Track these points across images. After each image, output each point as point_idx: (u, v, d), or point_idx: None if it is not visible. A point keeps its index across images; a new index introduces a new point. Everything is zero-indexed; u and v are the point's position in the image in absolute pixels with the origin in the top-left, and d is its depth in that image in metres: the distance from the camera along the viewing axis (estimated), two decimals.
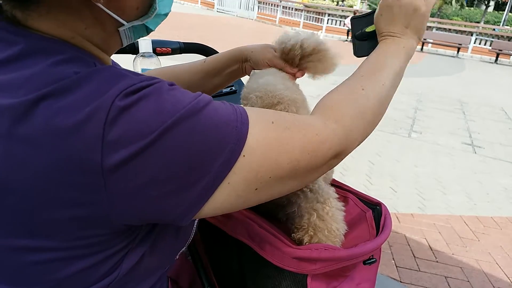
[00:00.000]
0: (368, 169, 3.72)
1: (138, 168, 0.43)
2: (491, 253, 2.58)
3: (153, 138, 0.43)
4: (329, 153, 0.57)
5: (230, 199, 0.49)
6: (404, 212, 2.99)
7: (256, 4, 20.07)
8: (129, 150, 0.42)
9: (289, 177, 0.54)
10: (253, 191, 0.51)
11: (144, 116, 0.43)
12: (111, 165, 0.42)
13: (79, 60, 0.48)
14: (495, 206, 3.30)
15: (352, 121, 0.60)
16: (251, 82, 0.84)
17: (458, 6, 28.80)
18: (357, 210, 1.03)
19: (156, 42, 1.22)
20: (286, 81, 0.86)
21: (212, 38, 10.97)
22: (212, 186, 0.46)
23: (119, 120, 0.42)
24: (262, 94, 0.80)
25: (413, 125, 5.32)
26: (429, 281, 2.22)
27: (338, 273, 0.85)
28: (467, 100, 7.42)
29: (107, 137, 0.41)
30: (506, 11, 24.50)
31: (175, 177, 0.44)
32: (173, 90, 0.47)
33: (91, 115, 0.41)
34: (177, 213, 0.47)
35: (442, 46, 15.33)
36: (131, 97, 0.43)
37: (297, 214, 0.91)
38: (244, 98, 0.83)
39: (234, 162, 0.47)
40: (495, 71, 12.48)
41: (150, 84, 0.46)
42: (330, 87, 0.73)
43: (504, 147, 4.93)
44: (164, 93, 0.46)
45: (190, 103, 0.46)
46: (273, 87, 0.82)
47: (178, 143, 0.44)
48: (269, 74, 0.86)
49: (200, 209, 0.48)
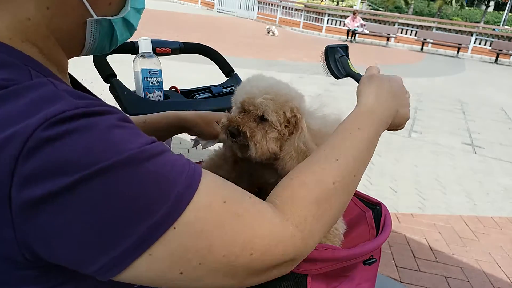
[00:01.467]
0: (368, 169, 3.72)
1: (52, 210, 0.36)
2: (491, 253, 2.58)
3: (74, 180, 0.36)
4: (280, 258, 0.48)
5: (151, 274, 0.41)
6: (404, 212, 2.99)
7: (256, 4, 20.07)
8: (44, 188, 0.36)
9: (224, 273, 0.45)
10: (177, 273, 0.42)
11: (68, 153, 0.36)
12: (22, 201, 0.36)
13: (8, 67, 0.41)
14: (495, 206, 3.30)
15: (314, 224, 0.52)
16: (248, 88, 0.83)
17: (458, 6, 28.80)
18: (357, 210, 1.03)
19: (156, 42, 1.22)
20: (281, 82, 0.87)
21: (212, 38, 10.97)
22: (133, 252, 0.39)
23: (38, 153, 0.36)
24: (273, 95, 0.80)
25: (413, 125, 5.32)
26: (429, 281, 2.22)
27: (338, 273, 0.85)
28: (467, 100, 7.42)
29: (20, 170, 0.36)
30: (506, 11, 24.50)
31: (94, 231, 0.38)
32: (118, 128, 0.40)
33: (5, 143, 0.36)
34: (92, 270, 0.40)
35: (442, 46, 15.33)
36: (59, 127, 0.37)
37: None
38: (247, 102, 0.82)
39: (163, 231, 0.39)
40: (495, 71, 12.48)
41: (87, 114, 0.39)
42: (330, 87, 0.73)
43: (504, 147, 4.93)
44: (103, 129, 0.39)
45: (132, 150, 0.39)
46: (278, 87, 0.83)
47: (103, 193, 0.37)
48: (263, 79, 0.86)
49: (118, 273, 0.40)
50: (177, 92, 1.27)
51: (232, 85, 1.34)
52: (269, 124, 0.82)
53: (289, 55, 10.13)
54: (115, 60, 1.25)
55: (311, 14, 18.09)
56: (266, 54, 9.82)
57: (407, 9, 29.55)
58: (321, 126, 0.85)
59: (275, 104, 0.81)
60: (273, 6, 19.41)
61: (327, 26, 17.49)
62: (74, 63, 0.67)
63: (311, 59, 10.07)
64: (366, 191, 3.27)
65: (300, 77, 7.33)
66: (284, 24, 18.69)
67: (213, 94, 1.29)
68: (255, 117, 0.82)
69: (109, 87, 1.12)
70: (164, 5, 20.00)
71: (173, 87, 1.29)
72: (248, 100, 0.81)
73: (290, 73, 7.64)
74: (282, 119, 0.82)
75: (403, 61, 12.16)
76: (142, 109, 1.11)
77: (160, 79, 1.20)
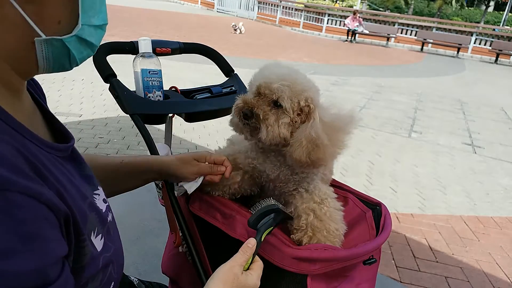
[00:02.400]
0: (368, 169, 3.72)
1: None
2: (491, 253, 2.58)
3: None
4: None
5: None
6: (404, 212, 2.99)
7: (256, 4, 20.07)
8: None
9: None
10: None
11: None
12: None
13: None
14: (495, 206, 3.30)
15: None
16: (267, 73, 0.85)
17: (458, 6, 28.80)
18: (357, 210, 1.03)
19: (156, 42, 1.22)
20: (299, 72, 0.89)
21: (212, 38, 10.97)
22: None
23: None
24: (290, 83, 0.82)
25: (413, 125, 5.32)
26: (429, 281, 2.22)
27: (338, 273, 0.84)
28: (467, 100, 7.43)
29: None
30: (506, 11, 24.48)
31: None
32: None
33: None
34: None
35: (442, 46, 15.33)
36: None
37: (294, 214, 0.91)
38: (263, 86, 0.83)
39: None
40: (495, 71, 12.48)
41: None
42: (330, 87, 0.73)
43: (504, 147, 4.93)
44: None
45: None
46: (296, 76, 0.85)
47: None
48: (282, 67, 0.88)
49: None
50: (177, 92, 1.27)
51: (232, 85, 1.34)
52: (282, 110, 0.83)
53: (289, 55, 10.14)
54: (116, 60, 1.25)
55: (311, 14, 18.10)
56: (266, 55, 9.83)
57: (407, 9, 29.55)
58: (334, 119, 0.86)
59: (291, 91, 0.82)
60: (273, 6, 19.40)
61: (327, 26, 17.49)
62: None
63: (311, 60, 10.08)
64: (366, 191, 3.27)
65: None
66: (284, 24, 18.68)
67: (213, 94, 1.29)
68: (269, 101, 0.83)
69: (109, 87, 1.12)
70: (164, 5, 20.00)
71: (173, 87, 1.29)
72: (265, 84, 0.83)
73: None
74: (296, 107, 0.84)
75: (403, 61, 12.16)
76: (142, 109, 1.11)
77: (160, 79, 1.19)
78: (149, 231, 2.31)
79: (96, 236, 0.56)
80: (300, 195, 0.93)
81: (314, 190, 0.93)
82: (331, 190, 0.98)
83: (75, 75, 5.31)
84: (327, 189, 0.97)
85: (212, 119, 1.28)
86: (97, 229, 0.56)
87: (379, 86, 7.58)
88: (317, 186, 0.95)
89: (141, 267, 2.02)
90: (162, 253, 1.27)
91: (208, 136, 3.92)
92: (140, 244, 2.20)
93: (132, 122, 1.08)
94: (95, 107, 4.36)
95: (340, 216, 0.93)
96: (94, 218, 0.56)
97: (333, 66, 9.50)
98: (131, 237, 2.23)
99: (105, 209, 0.63)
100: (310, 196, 0.92)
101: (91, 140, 3.49)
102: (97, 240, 0.56)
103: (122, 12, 14.14)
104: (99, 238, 0.57)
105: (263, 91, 0.84)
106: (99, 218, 0.58)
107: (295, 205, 0.92)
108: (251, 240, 0.72)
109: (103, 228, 0.59)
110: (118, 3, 16.28)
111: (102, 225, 0.58)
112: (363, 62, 10.81)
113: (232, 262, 0.68)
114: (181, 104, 1.21)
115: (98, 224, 0.57)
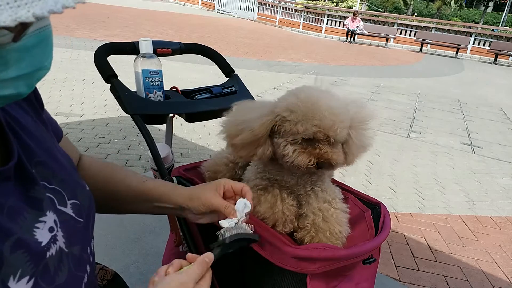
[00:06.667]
0: (368, 169, 3.73)
1: None
2: (490, 252, 2.59)
3: None
4: None
5: None
6: (403, 212, 3.00)
7: (256, 5, 20.07)
8: None
9: None
10: None
11: None
12: None
13: None
14: (494, 206, 3.31)
15: None
16: (319, 115, 0.81)
17: (457, 7, 28.83)
18: (356, 209, 1.04)
19: (156, 42, 1.22)
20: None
21: (212, 39, 10.97)
22: None
23: None
24: (343, 119, 0.83)
25: (412, 125, 5.33)
26: (428, 281, 2.22)
27: (337, 272, 0.85)
28: (466, 100, 7.44)
29: None
30: (505, 12, 24.52)
31: None
32: None
33: None
34: None
35: (441, 46, 15.35)
36: None
37: (304, 213, 0.92)
38: (323, 133, 0.81)
39: None
40: (494, 72, 12.49)
41: None
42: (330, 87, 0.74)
43: (503, 147, 4.94)
44: None
45: None
46: (345, 108, 0.86)
47: None
48: (327, 100, 0.85)
49: None
50: (178, 93, 1.27)
51: (232, 85, 1.35)
52: (337, 143, 0.86)
53: (289, 56, 10.14)
54: (117, 60, 1.26)
55: (311, 15, 18.10)
56: (266, 55, 9.83)
57: (406, 9, 29.57)
58: (362, 139, 0.90)
59: (344, 126, 0.85)
60: (273, 7, 19.40)
61: (326, 27, 17.50)
62: (77, 63, 0.68)
63: (311, 60, 10.08)
64: (366, 191, 3.28)
65: (300, 78, 7.35)
66: (284, 25, 18.68)
67: (213, 94, 1.30)
68: (328, 141, 0.83)
69: (110, 87, 1.13)
70: (165, 6, 20.00)
71: (174, 88, 1.29)
72: (324, 129, 0.81)
73: (290, 73, 7.67)
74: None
75: (402, 62, 12.17)
76: (142, 109, 1.12)
77: (160, 80, 1.20)
78: (149, 231, 2.31)
79: (18, 281, 0.47)
80: (316, 193, 0.94)
81: (327, 188, 0.95)
82: (338, 190, 0.99)
83: (76, 75, 5.31)
84: (335, 188, 0.99)
85: (213, 119, 1.28)
86: (22, 271, 0.48)
87: (378, 87, 7.59)
88: (330, 185, 0.97)
89: (142, 266, 2.03)
90: (162, 252, 1.27)
91: (208, 136, 3.93)
92: (140, 243, 2.21)
93: (133, 122, 1.09)
94: (96, 107, 4.36)
95: (346, 218, 0.94)
96: (19, 258, 0.48)
97: (332, 67, 9.51)
98: (132, 237, 2.24)
99: (48, 240, 0.53)
100: (323, 195, 0.93)
101: (92, 140, 3.50)
102: (21, 285, 0.47)
103: (122, 13, 14.15)
104: (24, 282, 0.48)
105: (322, 137, 0.82)
106: (31, 256, 0.49)
107: (311, 204, 0.93)
108: (209, 255, 0.64)
109: (36, 267, 0.50)
110: (119, 4, 16.29)
111: (35, 263, 0.50)
112: (363, 63, 10.82)
113: (186, 277, 0.59)
114: (182, 104, 1.22)
115: (27, 264, 0.49)
